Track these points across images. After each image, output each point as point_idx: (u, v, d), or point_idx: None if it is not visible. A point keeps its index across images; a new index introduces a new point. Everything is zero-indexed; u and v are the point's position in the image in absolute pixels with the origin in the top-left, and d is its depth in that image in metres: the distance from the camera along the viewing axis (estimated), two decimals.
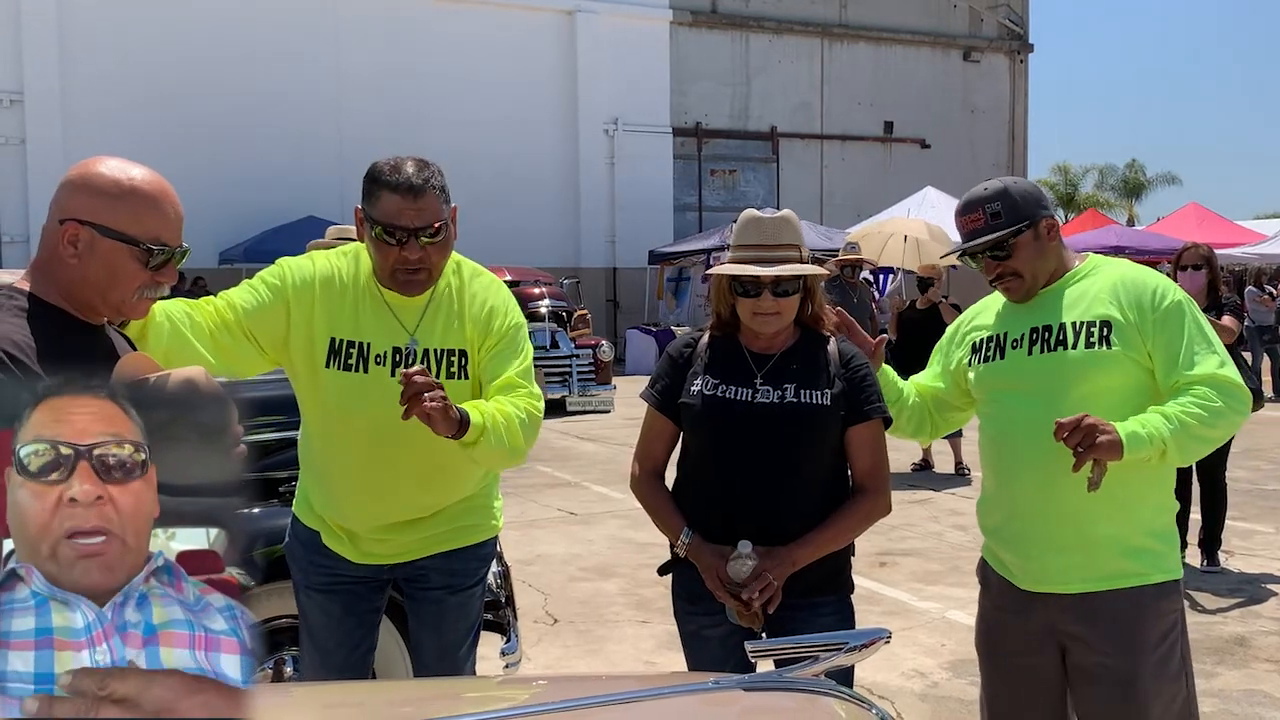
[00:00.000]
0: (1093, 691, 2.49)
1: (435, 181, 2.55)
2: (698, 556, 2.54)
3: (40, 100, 19.32)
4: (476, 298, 2.68)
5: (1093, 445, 2.23)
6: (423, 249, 2.52)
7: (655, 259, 22.15)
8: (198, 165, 19.45)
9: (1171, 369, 2.43)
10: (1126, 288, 2.49)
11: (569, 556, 6.93)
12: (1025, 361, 2.53)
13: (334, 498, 2.75)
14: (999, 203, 2.53)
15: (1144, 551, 2.48)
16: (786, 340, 2.64)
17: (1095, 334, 2.45)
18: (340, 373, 2.59)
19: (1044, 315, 2.54)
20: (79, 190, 1.93)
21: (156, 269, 1.95)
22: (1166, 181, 44.03)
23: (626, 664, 4.99)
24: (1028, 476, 2.51)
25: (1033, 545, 2.51)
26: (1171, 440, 2.32)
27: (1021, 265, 2.53)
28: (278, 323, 2.60)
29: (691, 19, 24.65)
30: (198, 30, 20.13)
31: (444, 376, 2.58)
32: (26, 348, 1.80)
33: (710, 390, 2.58)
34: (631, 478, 2.77)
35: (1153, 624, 2.46)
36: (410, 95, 21.53)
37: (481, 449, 2.42)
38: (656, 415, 2.70)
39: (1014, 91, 28.58)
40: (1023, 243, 2.52)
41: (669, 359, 2.72)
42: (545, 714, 1.42)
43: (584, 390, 14.67)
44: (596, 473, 9.95)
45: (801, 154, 25.91)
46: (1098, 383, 2.45)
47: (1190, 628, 2.63)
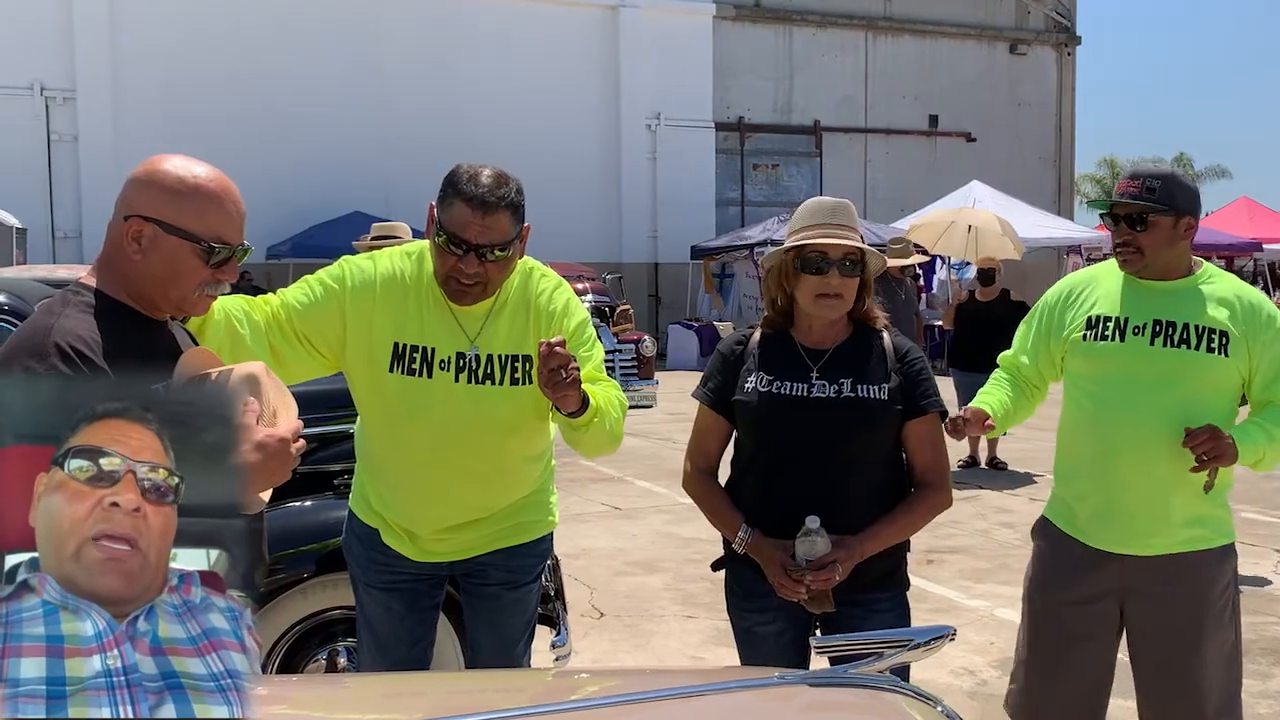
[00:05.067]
0: (1156, 640, 2.79)
1: (510, 199, 2.48)
2: (758, 551, 2.52)
3: (92, 97, 19.61)
4: (539, 301, 2.65)
5: (1219, 454, 2.58)
6: (482, 265, 2.47)
7: (697, 254, 22.10)
8: (245, 161, 19.61)
9: (1268, 385, 2.75)
10: (1243, 304, 2.76)
11: (614, 551, 6.94)
12: (1147, 350, 2.73)
13: (394, 498, 2.75)
14: (1160, 181, 2.72)
15: (1211, 519, 2.79)
16: (840, 334, 2.62)
17: (1215, 341, 2.70)
18: (404, 377, 2.56)
19: (1166, 310, 2.74)
20: (144, 187, 1.95)
21: (218, 266, 1.97)
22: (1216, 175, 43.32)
23: (673, 658, 5.00)
24: (1129, 454, 2.72)
25: (1122, 513, 2.73)
26: (1270, 451, 2.70)
27: (1147, 244, 2.71)
28: (332, 324, 2.57)
29: (735, 13, 24.56)
30: (245, 29, 20.34)
31: (508, 383, 2.57)
32: (93, 344, 1.83)
33: (765, 387, 2.56)
34: (684, 476, 2.76)
35: (1217, 581, 2.78)
36: (453, 90, 21.63)
37: (593, 431, 2.45)
38: (709, 413, 2.69)
39: (1061, 84, 28.21)
40: (1161, 224, 2.71)
41: (720, 356, 2.70)
42: (611, 706, 1.43)
43: (627, 385, 14.67)
44: (640, 468, 9.96)
45: (845, 148, 25.74)
46: (1208, 383, 2.72)
47: (1249, 627, 2.68)
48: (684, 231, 23.10)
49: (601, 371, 2.65)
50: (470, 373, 2.56)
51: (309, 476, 3.74)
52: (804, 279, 2.54)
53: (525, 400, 2.56)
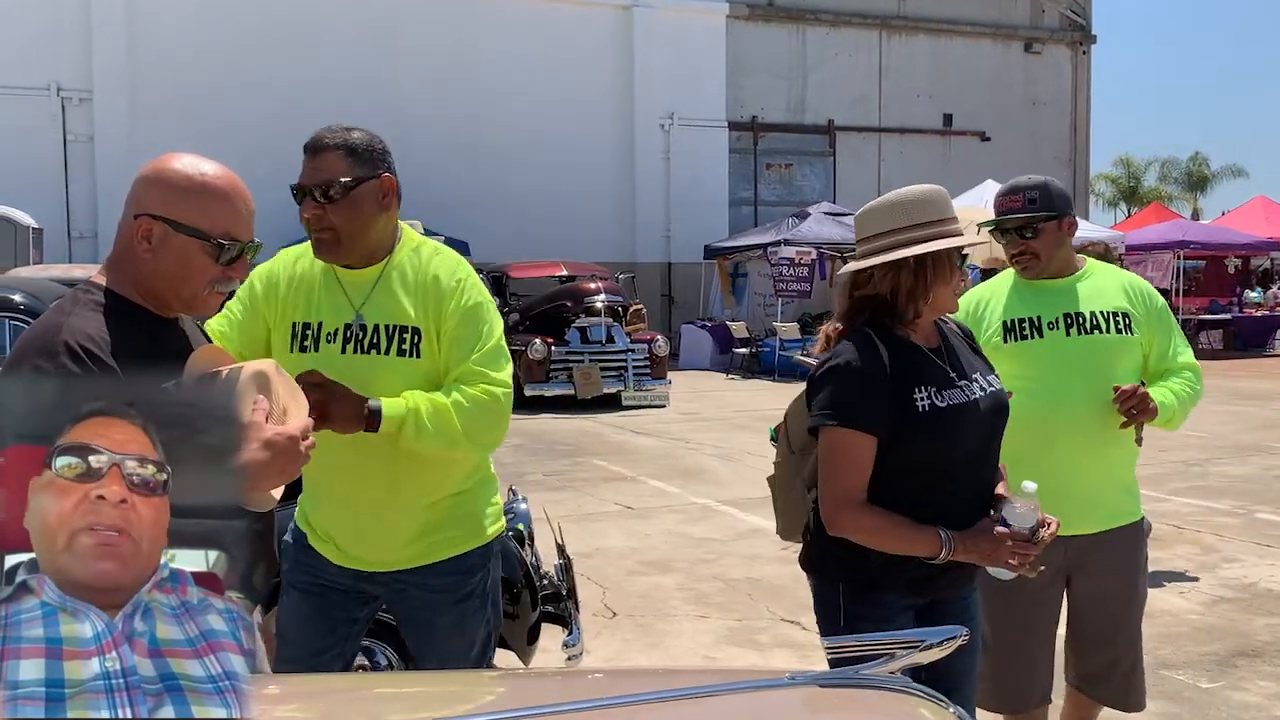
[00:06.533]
0: (1098, 608, 3.12)
1: (341, 141, 2.46)
2: (971, 541, 2.32)
3: (109, 98, 19.71)
4: (429, 275, 2.53)
5: (1144, 409, 2.91)
6: (320, 208, 2.44)
7: (711, 254, 22.10)
8: (259, 160, 19.68)
9: (1164, 357, 3.13)
10: (1134, 288, 3.13)
11: (627, 550, 6.94)
12: (1065, 341, 3.03)
13: (308, 492, 2.68)
14: (1038, 191, 3.05)
15: (1132, 492, 3.16)
16: (931, 329, 2.52)
17: (1121, 322, 3.04)
18: (299, 355, 2.50)
19: (1071, 303, 3.06)
20: (153, 185, 1.96)
21: (228, 264, 1.97)
22: (1233, 174, 43.14)
23: (686, 658, 4.99)
24: (1065, 440, 2.98)
25: (1065, 498, 2.82)
26: (1178, 410, 3.04)
27: (1041, 248, 3.05)
28: (261, 333, 2.56)
29: (748, 12, 24.54)
30: (260, 31, 20.44)
31: (394, 354, 2.47)
32: (103, 343, 1.83)
33: (937, 399, 2.38)
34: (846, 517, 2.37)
35: (1142, 550, 3.17)
36: (467, 89, 21.68)
37: (406, 440, 2.35)
38: (867, 441, 2.35)
39: (1076, 83, 28.10)
40: (1048, 229, 3.04)
41: (864, 377, 2.36)
42: (620, 706, 1.43)
43: (639, 385, 14.69)
44: (653, 467, 9.96)
45: (859, 147, 25.69)
46: (1123, 363, 3.04)
47: (1265, 629, 2.66)
48: (697, 231, 23.10)
49: (490, 363, 2.48)
50: (356, 342, 2.48)
51: None
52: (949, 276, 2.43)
53: (416, 375, 2.46)
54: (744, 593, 5.96)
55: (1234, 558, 6.54)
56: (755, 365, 18.60)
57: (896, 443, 2.35)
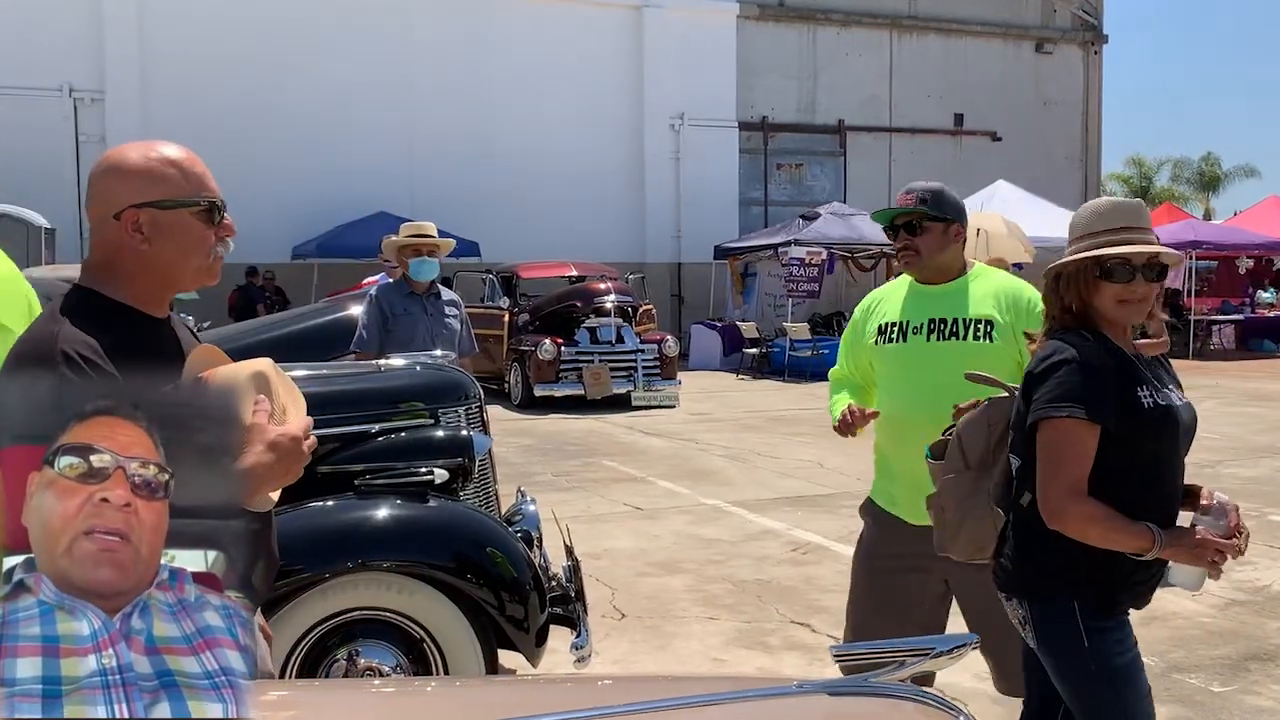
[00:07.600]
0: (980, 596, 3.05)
1: None
2: (1178, 540, 2.36)
3: (121, 99, 19.76)
4: None
5: None
6: None
7: (721, 254, 22.07)
8: (271, 162, 19.82)
9: None
10: (1006, 294, 3.17)
11: (636, 551, 6.93)
12: (924, 346, 3.16)
13: None
14: (931, 194, 3.17)
15: None
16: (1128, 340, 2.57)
17: (982, 330, 3.12)
18: None
19: (940, 309, 3.18)
20: (121, 180, 1.93)
21: (218, 225, 1.97)
22: (1245, 174, 42.92)
23: (695, 660, 4.98)
24: (916, 439, 3.00)
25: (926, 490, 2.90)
26: None
27: (923, 245, 3.16)
28: None
29: (759, 12, 24.51)
30: (273, 31, 20.47)
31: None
32: (99, 347, 1.80)
33: (1159, 398, 2.44)
34: (1075, 508, 2.37)
35: None
36: (479, 90, 21.70)
37: None
38: (1094, 431, 2.37)
39: (1088, 83, 28.00)
40: (933, 229, 3.15)
41: (1100, 373, 2.39)
42: (627, 714, 1.41)
43: (649, 385, 14.68)
44: (662, 468, 9.95)
45: (869, 147, 25.63)
46: (980, 369, 2.97)
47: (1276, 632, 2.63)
48: (707, 231, 23.07)
49: None
50: None
51: (330, 476, 3.74)
52: (1105, 286, 2.43)
53: None
54: (753, 594, 5.94)
55: (1246, 561, 6.50)
56: (765, 366, 18.59)
57: (1120, 440, 2.37)
